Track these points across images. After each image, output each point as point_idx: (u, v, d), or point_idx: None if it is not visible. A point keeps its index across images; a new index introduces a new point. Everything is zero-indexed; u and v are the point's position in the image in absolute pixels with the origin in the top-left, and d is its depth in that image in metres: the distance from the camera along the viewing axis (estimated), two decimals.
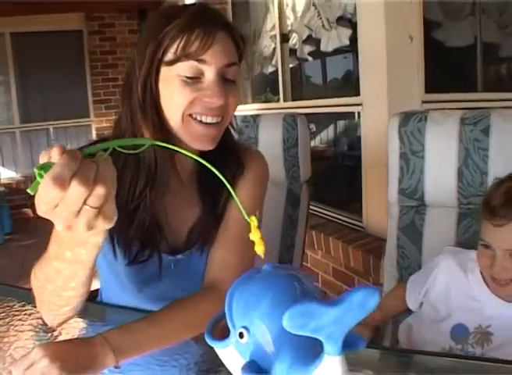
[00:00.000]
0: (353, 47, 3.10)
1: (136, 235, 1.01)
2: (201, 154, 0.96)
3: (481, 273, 1.22)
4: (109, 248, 1.03)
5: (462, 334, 1.20)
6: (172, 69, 0.93)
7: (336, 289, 3.15)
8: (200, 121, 0.96)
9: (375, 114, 2.77)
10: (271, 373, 0.49)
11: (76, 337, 1.01)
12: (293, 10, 3.89)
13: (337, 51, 3.49)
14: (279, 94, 4.19)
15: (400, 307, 1.38)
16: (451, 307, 1.24)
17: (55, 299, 0.87)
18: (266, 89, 4.69)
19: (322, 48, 3.58)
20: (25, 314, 1.10)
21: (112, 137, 1.04)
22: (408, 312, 1.37)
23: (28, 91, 6.62)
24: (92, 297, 1.19)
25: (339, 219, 3.33)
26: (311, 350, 0.48)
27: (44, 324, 0.97)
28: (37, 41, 6.41)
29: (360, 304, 0.43)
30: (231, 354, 0.53)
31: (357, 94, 2.96)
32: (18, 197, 5.85)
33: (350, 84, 3.19)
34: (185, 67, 0.92)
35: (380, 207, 2.65)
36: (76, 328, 1.07)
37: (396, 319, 1.43)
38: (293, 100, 4.08)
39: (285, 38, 4.05)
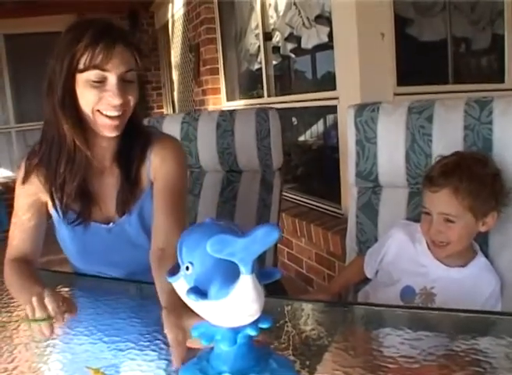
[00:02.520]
0: (331, 43, 3.26)
1: (70, 205, 1.33)
2: (121, 137, 1.32)
3: (427, 243, 1.40)
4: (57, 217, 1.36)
5: (409, 295, 1.38)
6: (84, 76, 1.19)
7: (321, 274, 3.31)
8: (106, 115, 1.23)
9: None
10: (207, 294, 0.66)
11: None
12: (276, 9, 4.05)
13: (317, 48, 3.65)
14: (263, 90, 4.35)
15: (359, 276, 1.57)
16: (400, 272, 1.42)
17: None
18: (253, 85, 4.84)
19: (303, 45, 3.74)
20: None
21: (41, 136, 1.34)
22: (367, 281, 1.55)
23: (23, 92, 6.72)
24: None
25: (321, 208, 3.50)
26: (234, 276, 0.65)
27: None
28: (30, 42, 6.47)
29: (263, 236, 0.61)
30: (181, 284, 0.70)
31: (335, 88, 3.14)
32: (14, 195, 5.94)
33: (329, 79, 3.35)
34: (92, 75, 1.19)
35: None
36: None
37: (356, 289, 1.61)
38: (277, 95, 4.25)
39: (268, 36, 4.21)
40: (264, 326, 0.71)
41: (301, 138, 4.12)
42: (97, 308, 1.19)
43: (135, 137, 1.36)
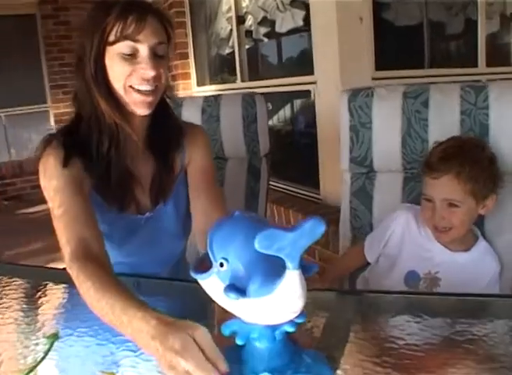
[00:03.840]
0: (306, 27, 3.23)
1: (113, 193, 1.22)
2: (152, 119, 1.26)
3: None
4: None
5: (414, 280, 1.38)
6: (114, 48, 1.13)
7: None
8: (138, 90, 1.16)
9: (328, 91, 2.92)
10: (246, 292, 0.63)
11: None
12: None
13: (292, 32, 3.62)
14: (236, 74, 4.30)
15: (358, 262, 1.55)
16: (405, 256, 1.42)
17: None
18: (223, 70, 4.79)
19: (277, 28, 3.71)
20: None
21: (76, 110, 1.23)
22: (364, 268, 1.54)
23: None
24: None
25: (299, 193, 3.50)
26: (275, 272, 0.62)
27: None
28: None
29: (310, 229, 0.58)
30: (213, 282, 0.67)
31: (312, 72, 3.11)
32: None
33: (304, 64, 3.32)
34: (123, 46, 1.13)
35: (335, 179, 2.80)
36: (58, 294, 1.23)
37: (353, 275, 1.60)
38: (250, 80, 4.21)
39: (241, 20, 4.16)
40: (300, 321, 0.68)
41: (277, 124, 4.09)
42: None
43: (167, 122, 1.31)
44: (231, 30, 4.31)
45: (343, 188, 1.68)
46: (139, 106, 1.18)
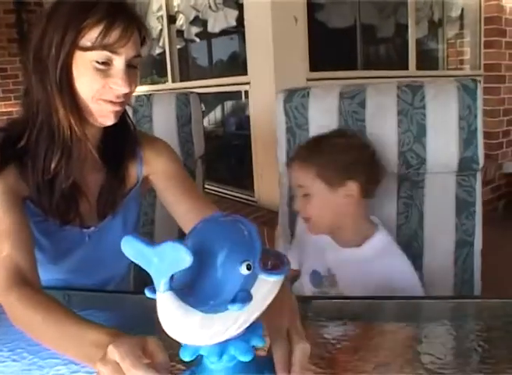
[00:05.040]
0: (239, 28, 3.18)
1: (55, 207, 1.07)
2: (105, 132, 1.12)
3: None
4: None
5: (317, 280, 1.34)
6: (87, 55, 0.98)
7: None
8: (108, 101, 1.03)
9: (263, 92, 2.88)
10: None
11: None
12: None
13: (224, 32, 3.57)
14: (167, 75, 4.20)
15: None
16: (306, 256, 1.39)
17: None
18: (152, 71, 4.67)
19: (209, 28, 3.64)
20: None
21: (25, 114, 1.07)
22: None
23: None
24: None
25: (233, 196, 3.44)
26: None
27: None
28: None
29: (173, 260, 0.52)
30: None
31: (245, 73, 3.06)
32: None
33: (236, 64, 3.28)
34: (98, 55, 0.98)
35: (271, 181, 2.77)
36: None
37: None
38: (182, 81, 4.12)
39: (172, 19, 4.06)
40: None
41: (209, 125, 4.03)
42: None
43: (122, 131, 1.17)
44: (161, 29, 4.20)
45: (281, 191, 1.62)
46: (105, 117, 1.05)
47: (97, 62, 0.99)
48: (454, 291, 1.43)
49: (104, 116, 1.05)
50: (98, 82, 1.00)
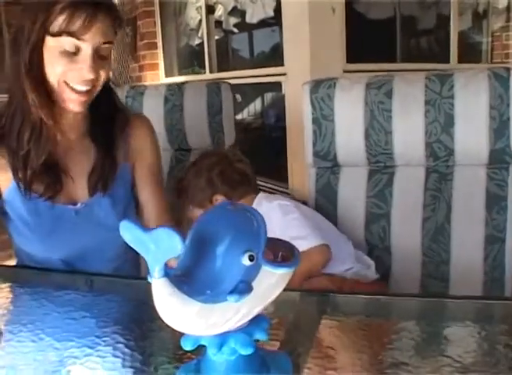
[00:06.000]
0: (277, 18, 3.17)
1: (34, 182, 1.14)
2: (92, 111, 1.20)
3: None
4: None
5: None
6: (55, 40, 1.04)
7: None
8: (73, 88, 1.09)
9: (298, 83, 2.84)
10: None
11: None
12: None
13: (262, 23, 3.55)
14: (205, 65, 4.22)
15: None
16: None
17: None
18: (193, 61, 4.69)
19: (248, 19, 3.64)
20: None
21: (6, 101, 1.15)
22: None
23: None
24: None
25: (268, 187, 3.43)
26: None
27: None
28: None
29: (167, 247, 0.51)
30: None
31: (282, 64, 3.05)
32: None
33: (275, 55, 3.26)
34: (65, 42, 1.04)
35: (303, 173, 2.75)
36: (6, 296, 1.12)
37: None
38: (219, 71, 4.12)
39: (210, 10, 4.07)
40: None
41: (246, 116, 4.03)
42: (43, 306, 0.99)
43: (110, 113, 1.24)
44: (200, 20, 4.22)
45: (309, 184, 1.61)
46: (71, 103, 1.11)
47: (65, 50, 1.05)
48: (483, 289, 1.40)
49: (70, 102, 1.11)
50: (65, 66, 1.06)
